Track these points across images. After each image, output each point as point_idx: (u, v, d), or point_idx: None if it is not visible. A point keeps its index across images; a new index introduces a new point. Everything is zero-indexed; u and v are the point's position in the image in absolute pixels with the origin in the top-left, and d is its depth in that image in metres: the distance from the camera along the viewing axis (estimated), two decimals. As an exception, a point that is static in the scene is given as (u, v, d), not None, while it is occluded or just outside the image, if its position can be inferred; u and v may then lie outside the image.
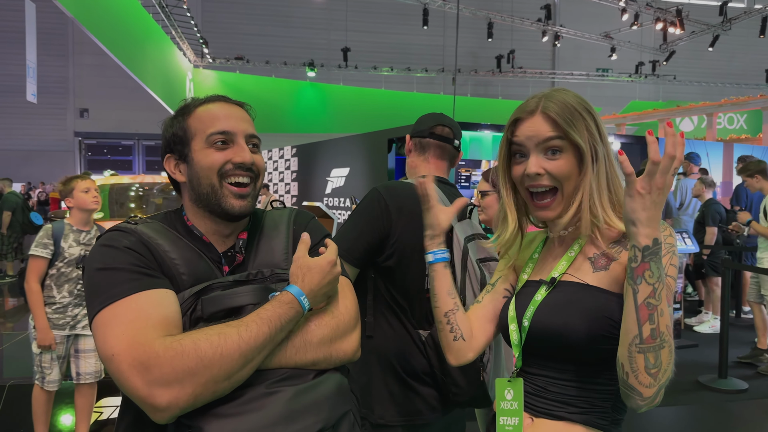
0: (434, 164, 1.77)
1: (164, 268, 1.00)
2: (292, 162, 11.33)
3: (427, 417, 1.61)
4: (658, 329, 0.94)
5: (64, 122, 22.11)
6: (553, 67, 24.18)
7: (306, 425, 0.91)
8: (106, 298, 0.92)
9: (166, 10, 13.70)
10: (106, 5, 9.45)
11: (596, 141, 1.09)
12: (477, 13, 17.84)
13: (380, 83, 21.49)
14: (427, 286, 1.63)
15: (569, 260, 1.12)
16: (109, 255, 0.98)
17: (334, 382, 1.00)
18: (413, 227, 1.58)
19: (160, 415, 0.86)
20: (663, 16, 16.83)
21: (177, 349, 0.86)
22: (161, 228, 1.07)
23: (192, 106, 1.12)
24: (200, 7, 21.49)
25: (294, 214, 1.22)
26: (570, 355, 1.08)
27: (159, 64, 13.05)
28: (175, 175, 1.12)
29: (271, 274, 1.06)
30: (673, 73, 22.13)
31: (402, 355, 1.61)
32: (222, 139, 1.07)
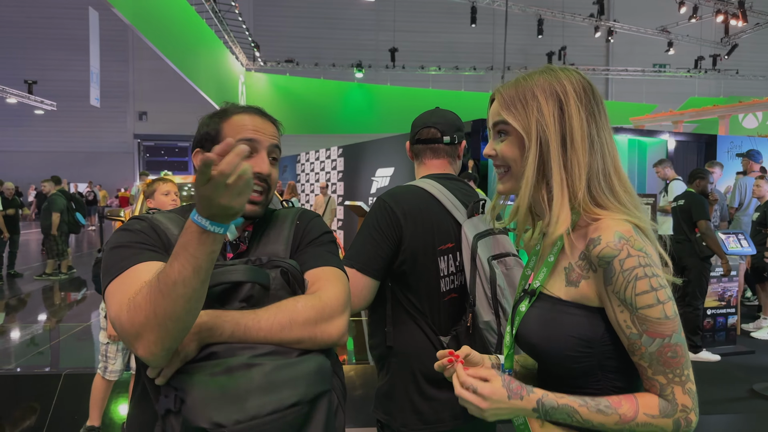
0: (432, 165, 1.77)
1: (169, 248, 1.10)
2: (338, 162, 11.48)
3: (450, 424, 1.61)
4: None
5: (125, 125, 23.13)
6: (607, 64, 23.53)
7: (281, 397, 0.96)
8: (115, 271, 1.05)
9: (219, 15, 14.13)
10: (162, 13, 9.84)
11: (546, 127, 1.04)
12: (526, 10, 17.56)
13: (428, 83, 21.46)
14: (444, 289, 1.63)
15: (549, 267, 1.10)
16: (122, 236, 1.13)
17: (316, 362, 1.04)
18: (421, 230, 1.60)
19: (150, 364, 0.97)
20: (724, 8, 16.10)
21: (129, 309, 0.96)
22: (175, 217, 1.21)
23: (230, 112, 1.23)
24: (252, 11, 22.04)
25: (300, 212, 1.30)
26: (550, 371, 1.09)
27: (212, 68, 13.47)
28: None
29: (268, 261, 1.14)
30: (736, 68, 21.15)
31: (423, 363, 1.59)
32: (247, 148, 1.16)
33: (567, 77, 1.07)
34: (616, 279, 0.96)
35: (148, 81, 22.76)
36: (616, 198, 1.05)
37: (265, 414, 0.94)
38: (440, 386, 1.59)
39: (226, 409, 0.93)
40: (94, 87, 12.65)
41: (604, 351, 1.02)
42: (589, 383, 1.04)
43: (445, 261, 1.63)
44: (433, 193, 1.65)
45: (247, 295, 1.07)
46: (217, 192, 0.87)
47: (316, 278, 1.16)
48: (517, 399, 1.01)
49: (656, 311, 0.96)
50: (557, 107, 1.05)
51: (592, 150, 1.05)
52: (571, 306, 1.03)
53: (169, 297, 0.92)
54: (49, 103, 19.27)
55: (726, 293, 5.36)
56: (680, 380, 0.97)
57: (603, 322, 1.02)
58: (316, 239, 1.24)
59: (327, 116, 18.96)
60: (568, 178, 1.03)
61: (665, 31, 19.20)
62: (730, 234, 5.20)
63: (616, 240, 0.97)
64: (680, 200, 5.09)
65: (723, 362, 4.94)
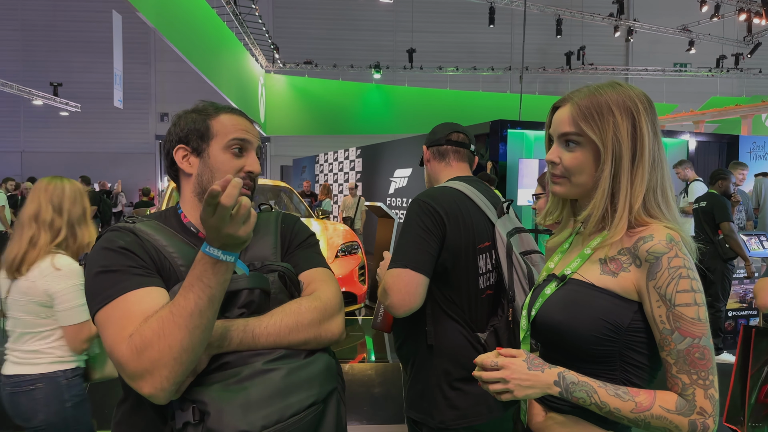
0: (457, 167, 1.84)
1: (162, 262, 1.09)
2: (356, 163, 11.55)
3: (486, 416, 1.64)
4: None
5: (147, 126, 23.46)
6: (627, 63, 23.28)
7: (300, 398, 1.00)
8: (102, 300, 1.01)
9: (239, 17, 14.28)
10: (184, 15, 10.00)
11: (621, 142, 1.09)
12: (545, 10, 17.46)
13: (446, 83, 21.44)
14: (482, 286, 1.67)
15: (583, 258, 1.14)
16: (106, 257, 1.06)
17: (324, 361, 1.09)
18: (462, 229, 1.64)
19: (154, 400, 0.95)
20: (747, 6, 15.86)
21: (135, 345, 0.94)
22: (157, 225, 1.17)
23: (215, 110, 1.23)
24: (271, 14, 22.22)
25: (282, 215, 1.34)
26: (569, 352, 1.12)
27: (233, 70, 13.62)
28: (183, 165, 1.21)
29: (263, 265, 1.17)
30: (759, 66, 20.78)
31: (458, 360, 1.63)
32: (239, 146, 1.20)
33: (636, 94, 1.12)
34: (661, 275, 1.02)
35: (169, 83, 23.07)
36: (666, 211, 1.11)
37: (288, 417, 0.98)
38: (475, 381, 1.62)
39: (251, 416, 0.95)
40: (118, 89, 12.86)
41: (628, 341, 1.07)
42: (604, 371, 1.09)
43: (484, 259, 1.67)
44: (467, 194, 1.70)
45: (246, 301, 1.08)
46: (224, 222, 0.90)
47: (310, 279, 1.19)
48: (538, 370, 1.06)
49: (692, 311, 1.01)
50: (631, 123, 1.10)
51: (653, 166, 1.10)
52: (605, 292, 1.08)
53: (186, 329, 0.92)
54: (73, 105, 19.63)
55: (747, 295, 5.32)
56: (704, 383, 1.00)
57: (633, 314, 1.06)
58: (304, 241, 1.27)
59: (345, 117, 19.05)
60: (632, 190, 1.09)
61: (686, 30, 18.96)
62: (752, 235, 5.17)
63: (667, 240, 1.04)
64: (702, 202, 5.06)
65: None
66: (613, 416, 1.03)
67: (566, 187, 1.16)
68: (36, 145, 22.79)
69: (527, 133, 7.29)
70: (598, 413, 1.06)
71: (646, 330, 1.06)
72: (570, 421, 1.13)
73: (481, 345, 1.64)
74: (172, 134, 1.22)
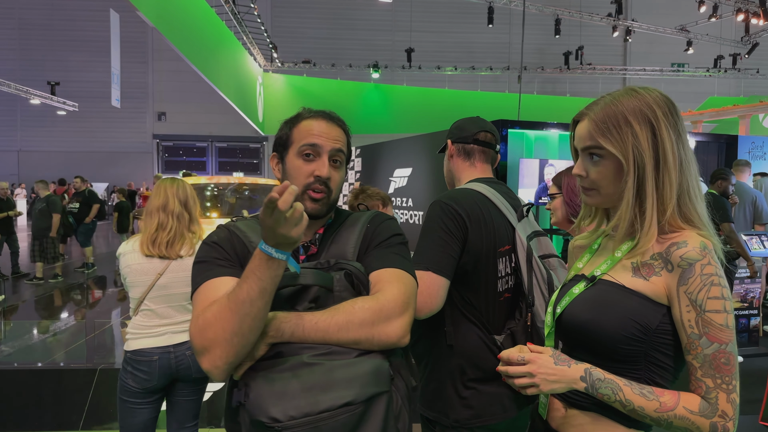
0: (481, 168, 1.82)
1: (244, 255, 1.21)
2: (355, 163, 11.55)
3: (501, 416, 1.65)
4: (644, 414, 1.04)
5: (144, 125, 23.43)
6: (625, 63, 23.33)
7: (334, 396, 1.01)
8: (194, 285, 1.19)
9: (238, 16, 14.27)
10: (183, 14, 9.98)
11: (643, 152, 1.09)
12: (544, 10, 17.48)
13: (444, 83, 21.46)
14: (500, 289, 1.67)
15: (614, 261, 1.15)
16: (202, 250, 1.25)
17: (373, 363, 1.07)
18: (484, 231, 1.64)
19: (211, 377, 1.06)
20: (744, 6, 15.91)
21: (199, 325, 1.07)
22: (253, 223, 1.29)
23: (300, 118, 1.32)
24: (270, 13, 22.20)
25: (373, 215, 1.35)
26: (595, 351, 1.12)
27: (231, 69, 13.60)
28: (275, 172, 1.34)
29: (335, 263, 1.20)
30: (756, 67, 20.85)
31: (476, 361, 1.64)
32: (309, 152, 1.26)
33: (653, 99, 1.11)
34: (694, 280, 1.03)
35: (167, 82, 23.04)
36: (699, 214, 1.11)
37: (317, 412, 0.99)
38: (489, 381, 1.64)
39: (283, 404, 0.99)
40: (115, 88, 12.84)
41: (654, 342, 1.08)
42: (629, 370, 1.09)
43: (503, 262, 1.68)
44: (489, 197, 1.69)
45: (315, 296, 1.13)
46: (278, 223, 0.98)
47: (377, 280, 1.18)
48: (565, 366, 1.07)
49: (721, 318, 1.02)
50: (650, 132, 1.10)
51: (681, 169, 1.11)
52: (636, 294, 1.09)
53: (238, 314, 1.01)
54: (71, 104, 19.59)
55: (749, 294, 5.33)
56: (727, 388, 1.02)
57: (661, 317, 1.07)
58: (384, 241, 1.27)
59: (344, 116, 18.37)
60: (658, 197, 1.09)
61: (684, 31, 19.00)
62: (753, 235, 5.17)
63: (701, 248, 1.05)
64: None
65: (745, 363, 4.91)
66: (636, 414, 1.04)
67: (597, 198, 1.18)
68: (33, 144, 22.74)
69: (527, 133, 7.29)
70: (620, 410, 1.07)
71: (672, 333, 1.08)
72: (591, 417, 1.13)
73: (498, 347, 1.64)
74: (273, 143, 1.36)
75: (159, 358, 2.41)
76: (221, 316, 1.03)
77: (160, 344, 2.43)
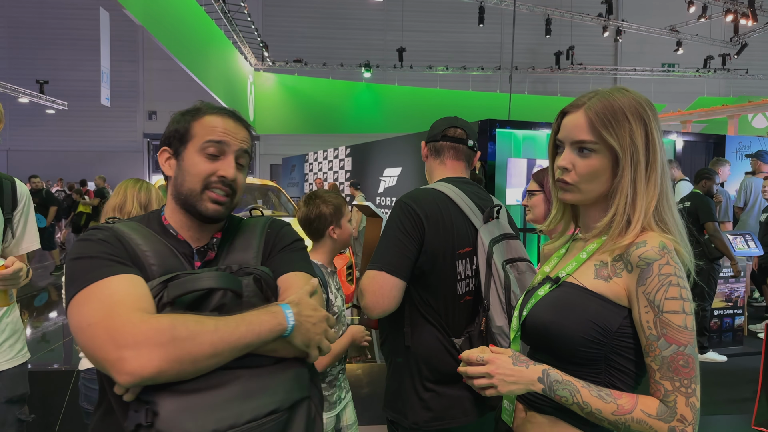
0: (450, 166, 1.79)
1: (135, 259, 1.08)
2: (346, 162, 11.53)
3: (461, 420, 1.63)
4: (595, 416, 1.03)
5: (134, 124, 23.28)
6: (615, 63, 23.42)
7: (259, 404, 0.96)
8: (82, 283, 1.00)
9: (228, 15, 14.21)
10: (172, 13, 9.92)
11: (637, 149, 1.08)
12: (534, 10, 17.52)
13: (435, 83, 21.46)
14: (460, 292, 1.65)
15: (579, 262, 1.14)
16: (84, 246, 1.07)
17: (293, 369, 1.04)
18: (442, 233, 1.62)
19: (125, 379, 0.90)
20: (734, 7, 16.00)
21: (153, 324, 0.92)
22: (137, 226, 1.17)
23: (201, 112, 1.20)
24: (260, 12, 22.12)
25: (270, 221, 1.29)
26: (555, 353, 1.12)
27: (221, 68, 13.55)
28: (164, 168, 1.21)
29: (240, 269, 1.12)
30: (745, 67, 20.98)
31: (434, 363, 1.63)
32: (213, 150, 1.16)
33: (644, 100, 1.12)
34: (651, 281, 1.02)
35: (157, 81, 22.91)
36: (676, 219, 1.11)
37: (243, 423, 0.93)
38: (450, 383, 1.62)
39: (202, 419, 0.91)
40: (105, 87, 12.75)
41: (614, 346, 1.07)
42: (590, 374, 1.09)
43: (463, 264, 1.66)
44: (452, 198, 1.67)
45: (218, 304, 1.04)
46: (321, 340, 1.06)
47: (287, 285, 1.14)
48: (523, 366, 1.06)
49: (679, 319, 1.01)
50: (643, 130, 1.10)
51: (664, 171, 1.11)
52: (597, 296, 1.08)
53: (214, 348, 0.93)
54: (60, 103, 19.43)
55: (733, 294, 5.36)
56: (686, 391, 1.00)
57: (622, 319, 1.07)
58: (287, 246, 1.23)
59: (335, 116, 19.01)
60: (648, 195, 1.09)
61: (674, 31, 19.10)
62: (737, 235, 5.20)
63: (659, 247, 1.03)
64: (686, 202, 5.09)
65: (729, 363, 4.95)
66: (594, 417, 1.03)
67: (576, 195, 1.15)
68: (22, 143, 22.53)
69: (516, 133, 7.31)
70: (579, 414, 1.05)
71: (633, 336, 1.07)
72: (549, 421, 1.12)
73: (456, 350, 1.63)
74: (163, 135, 1.23)
75: None
76: (198, 339, 0.92)
77: None
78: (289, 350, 1.04)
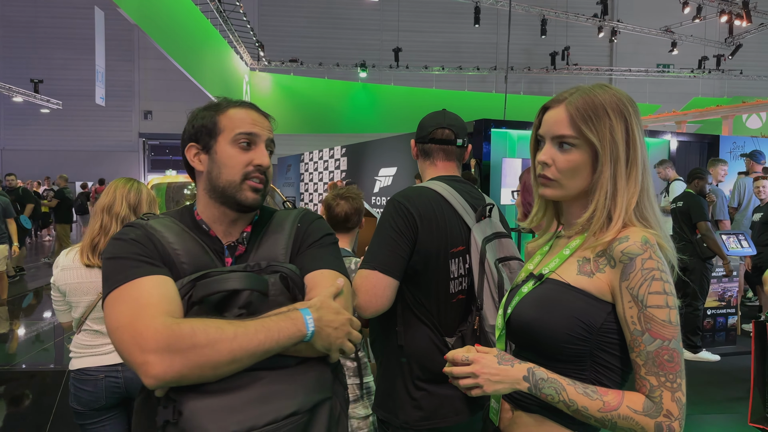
0: (442, 166, 1.78)
1: (165, 257, 1.10)
2: (341, 162, 11.53)
3: (452, 419, 1.63)
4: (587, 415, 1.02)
5: (130, 124, 23.20)
6: (611, 64, 23.47)
7: (279, 407, 0.97)
8: (114, 283, 1.03)
9: (223, 15, 14.18)
10: (167, 12, 9.89)
11: (617, 145, 1.08)
12: (530, 10, 17.54)
13: (431, 83, 21.46)
14: (453, 291, 1.65)
15: (562, 258, 1.14)
16: (117, 246, 1.10)
17: (315, 370, 1.05)
18: (435, 232, 1.61)
19: (150, 382, 0.94)
20: (728, 8, 16.06)
21: (175, 330, 0.94)
22: (170, 222, 1.18)
23: (225, 105, 1.22)
24: (257, 11, 22.08)
25: (302, 214, 1.28)
26: (540, 350, 1.11)
27: (217, 67, 13.52)
28: (194, 163, 1.21)
29: (268, 266, 1.13)
30: (740, 68, 21.07)
31: (426, 362, 1.62)
32: (247, 140, 1.18)
33: (625, 97, 1.12)
34: (635, 275, 1.02)
35: (153, 80, 22.84)
36: (657, 215, 1.11)
37: (262, 425, 0.94)
38: (440, 383, 1.61)
39: (223, 420, 0.93)
40: (100, 86, 12.71)
41: (599, 342, 1.06)
42: (575, 370, 1.08)
43: (456, 263, 1.65)
44: (445, 196, 1.66)
45: (245, 302, 1.06)
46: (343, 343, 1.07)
47: (313, 284, 1.14)
48: (508, 365, 1.05)
49: (663, 313, 1.00)
50: (624, 126, 1.09)
51: (645, 167, 1.11)
52: (580, 292, 1.07)
53: (233, 355, 0.94)
54: (55, 102, 19.35)
55: (726, 293, 5.38)
56: (671, 386, 1.00)
57: (606, 315, 1.06)
58: (316, 241, 1.22)
59: (331, 116, 18.99)
60: (629, 191, 1.09)
61: (669, 32, 19.16)
62: (730, 234, 5.22)
63: (642, 242, 1.03)
64: (679, 201, 5.10)
65: (723, 362, 4.97)
66: (580, 415, 1.03)
67: (557, 190, 1.15)
68: (16, 142, 22.44)
69: (510, 133, 7.33)
70: (566, 412, 1.05)
71: (618, 332, 1.06)
72: (535, 420, 1.12)
73: (449, 349, 1.60)
74: (186, 133, 1.22)
75: (105, 376, 2.21)
76: (218, 346, 0.94)
77: (106, 362, 2.22)
78: (312, 352, 1.05)
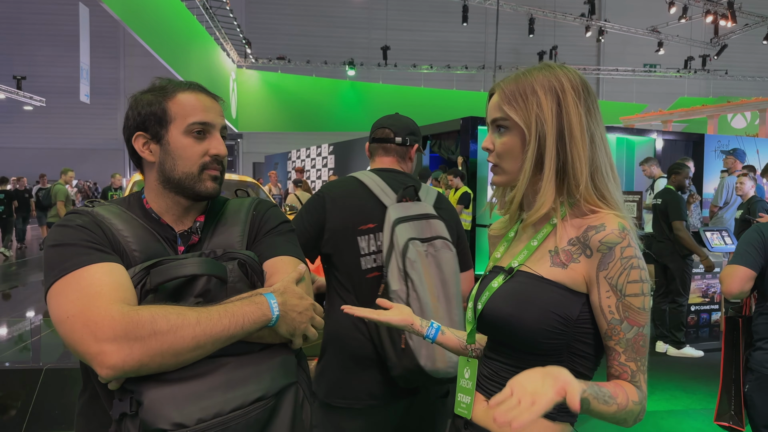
0: (379, 161, 1.93)
1: (116, 245, 1.05)
2: (329, 159, 11.50)
3: (364, 402, 1.68)
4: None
5: (115, 122, 23.01)
6: (598, 63, 23.64)
7: (245, 392, 0.95)
8: (60, 271, 0.97)
9: (210, 11, 14.09)
10: (152, 8, 9.81)
11: (545, 122, 1.06)
12: (518, 9, 17.63)
13: (420, 81, 21.49)
14: (365, 267, 1.74)
15: (531, 250, 1.12)
16: (63, 233, 1.02)
17: (280, 355, 1.03)
18: (343, 214, 1.74)
19: (106, 372, 0.89)
20: (713, 8, 16.23)
21: (133, 317, 0.90)
22: (117, 210, 1.12)
23: (171, 90, 1.14)
24: (244, 8, 21.98)
25: (256, 202, 1.25)
26: (517, 345, 1.09)
27: (203, 65, 13.43)
28: (143, 154, 1.14)
29: (224, 253, 1.09)
30: (725, 68, 21.32)
31: (348, 340, 1.71)
32: (201, 129, 1.13)
33: (564, 74, 1.10)
34: (614, 265, 1.01)
35: (138, 78, 22.64)
36: (615, 193, 1.09)
37: (228, 411, 0.92)
38: (361, 363, 1.69)
39: (188, 407, 0.90)
40: (84, 83, 12.55)
41: (576, 333, 1.05)
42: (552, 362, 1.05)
43: (366, 240, 1.75)
44: (364, 181, 1.79)
45: (203, 290, 1.02)
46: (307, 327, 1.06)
47: (273, 270, 1.12)
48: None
49: (639, 301, 1.01)
50: (555, 102, 1.07)
51: (593, 144, 1.08)
52: (554, 285, 1.06)
53: (196, 341, 0.92)
54: (38, 99, 19.13)
55: (710, 290, 5.42)
56: (644, 369, 1.04)
57: (581, 306, 1.05)
58: (273, 228, 1.19)
59: (318, 114, 18.95)
60: (567, 170, 1.07)
61: (655, 32, 19.33)
62: (713, 231, 5.25)
63: (620, 229, 1.02)
64: (658, 199, 5.11)
65: (706, 358, 5.00)
66: (592, 415, 1.02)
67: (501, 175, 1.14)
68: (-1, 140, 22.21)
69: (497, 130, 7.33)
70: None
71: (592, 321, 1.05)
72: None
73: (364, 325, 1.69)
74: (130, 119, 1.14)
75: None
76: (180, 332, 0.91)
77: None
78: (275, 338, 1.03)
